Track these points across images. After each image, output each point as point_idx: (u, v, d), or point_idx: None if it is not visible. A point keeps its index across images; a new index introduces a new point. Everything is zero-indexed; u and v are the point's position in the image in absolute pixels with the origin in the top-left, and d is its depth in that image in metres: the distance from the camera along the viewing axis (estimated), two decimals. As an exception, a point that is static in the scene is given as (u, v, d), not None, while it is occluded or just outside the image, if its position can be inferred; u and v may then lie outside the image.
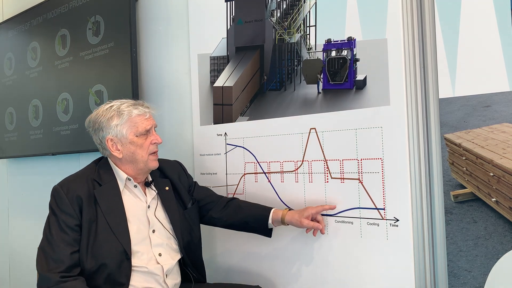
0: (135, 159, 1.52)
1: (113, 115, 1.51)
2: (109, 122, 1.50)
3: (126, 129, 1.50)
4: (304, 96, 1.71)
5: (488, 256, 1.33)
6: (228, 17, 1.93)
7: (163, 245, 1.54)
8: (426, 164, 1.44)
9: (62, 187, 1.47)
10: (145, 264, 1.48)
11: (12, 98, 2.97)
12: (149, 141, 1.53)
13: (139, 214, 1.53)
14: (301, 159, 1.71)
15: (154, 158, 1.55)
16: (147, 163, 1.53)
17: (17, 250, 3.12)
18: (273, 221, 1.61)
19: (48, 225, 1.46)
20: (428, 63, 1.44)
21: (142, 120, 1.52)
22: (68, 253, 1.40)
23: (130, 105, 1.53)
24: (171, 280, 1.54)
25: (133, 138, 1.51)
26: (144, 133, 1.52)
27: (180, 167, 1.74)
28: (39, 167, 2.93)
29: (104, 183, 1.51)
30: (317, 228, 1.57)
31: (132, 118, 1.51)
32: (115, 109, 1.52)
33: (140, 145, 1.51)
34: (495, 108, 1.32)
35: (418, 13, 1.45)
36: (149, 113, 1.55)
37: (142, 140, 1.52)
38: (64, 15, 2.58)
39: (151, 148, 1.53)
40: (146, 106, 1.56)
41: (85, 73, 2.44)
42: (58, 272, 1.37)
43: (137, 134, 1.51)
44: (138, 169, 1.54)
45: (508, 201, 1.30)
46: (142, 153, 1.51)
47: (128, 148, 1.51)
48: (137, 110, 1.52)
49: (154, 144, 1.54)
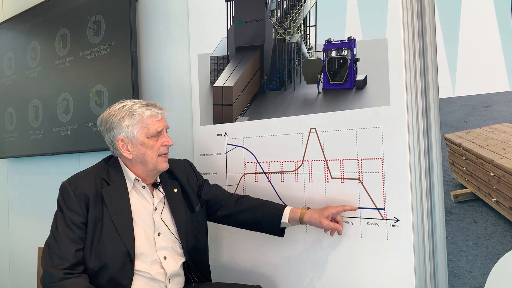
0: (145, 161, 1.50)
1: (125, 115, 1.49)
2: (121, 122, 1.49)
3: (137, 130, 1.48)
4: (304, 96, 1.71)
5: (488, 256, 1.33)
6: (228, 17, 1.93)
7: (168, 248, 1.53)
8: (426, 164, 1.44)
9: (70, 184, 1.47)
10: (148, 269, 1.47)
11: (12, 98, 2.97)
12: (159, 142, 1.51)
13: (145, 216, 1.52)
14: (301, 159, 1.71)
15: (164, 159, 1.54)
16: (156, 165, 1.51)
17: (17, 250, 3.12)
18: (289, 220, 1.55)
19: (55, 221, 1.46)
20: (428, 63, 1.44)
21: (153, 121, 1.50)
22: (72, 250, 1.40)
23: (143, 106, 1.51)
24: (174, 285, 1.53)
25: (144, 139, 1.49)
26: (155, 134, 1.50)
27: (190, 167, 1.71)
28: (39, 167, 2.93)
29: (112, 182, 1.50)
30: (337, 229, 1.52)
31: (143, 119, 1.49)
32: (127, 109, 1.50)
33: (150, 147, 1.49)
34: (495, 108, 1.32)
35: (418, 13, 1.45)
36: (161, 114, 1.53)
37: (153, 141, 1.50)
38: (65, 15, 2.58)
39: (161, 150, 1.52)
40: (158, 107, 1.54)
41: (86, 73, 2.44)
42: (62, 268, 1.38)
43: (148, 135, 1.49)
44: (148, 171, 1.53)
45: (508, 201, 1.30)
46: (152, 154, 1.50)
47: (139, 149, 1.49)
48: (149, 112, 1.50)
49: (165, 146, 1.52)
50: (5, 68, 3.03)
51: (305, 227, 1.68)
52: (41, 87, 2.74)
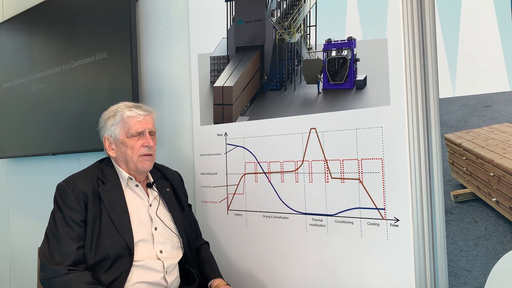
0: (126, 160, 1.57)
1: (110, 116, 1.59)
2: (107, 122, 1.59)
3: (118, 130, 1.56)
4: (304, 96, 1.71)
5: (488, 256, 1.33)
6: (228, 17, 1.93)
7: (164, 243, 1.56)
8: (426, 164, 1.44)
9: (68, 183, 1.51)
10: (147, 262, 1.50)
11: (12, 99, 2.97)
12: (140, 143, 1.56)
13: (141, 212, 1.57)
14: (301, 159, 1.71)
15: (145, 159, 1.57)
16: (137, 164, 1.56)
17: (17, 250, 3.12)
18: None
19: (53, 221, 1.49)
20: (428, 63, 1.44)
21: (134, 122, 1.55)
22: (74, 247, 1.43)
23: (127, 107, 1.59)
24: (171, 277, 1.56)
25: (124, 138, 1.55)
26: (136, 135, 1.55)
27: (180, 178, 1.81)
28: (39, 167, 2.93)
29: (107, 181, 1.55)
30: None
31: (124, 119, 1.56)
32: (114, 110, 1.60)
33: (131, 147, 1.55)
34: (495, 108, 1.32)
35: (418, 13, 1.45)
36: (144, 116, 1.57)
37: (133, 141, 1.55)
38: (64, 15, 2.58)
39: (141, 150, 1.56)
40: (143, 109, 1.59)
41: (86, 73, 2.43)
42: (65, 265, 1.40)
43: (128, 135, 1.55)
44: (131, 170, 1.58)
45: (508, 201, 1.30)
46: (132, 154, 1.55)
47: (120, 148, 1.56)
48: (129, 112, 1.56)
49: (145, 147, 1.56)
50: (5, 68, 3.03)
51: (305, 227, 1.68)
52: (41, 87, 2.73)
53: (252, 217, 1.87)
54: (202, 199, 2.05)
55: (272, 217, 1.80)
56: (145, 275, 1.49)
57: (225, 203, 1.96)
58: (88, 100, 2.41)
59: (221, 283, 1.62)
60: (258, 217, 1.85)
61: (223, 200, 1.97)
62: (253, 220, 1.86)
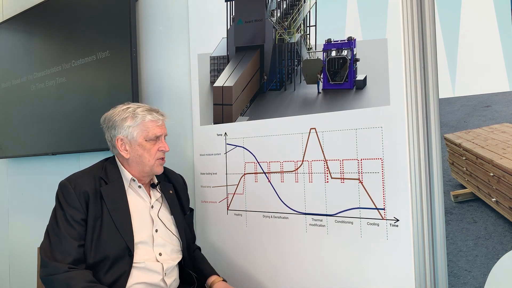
0: (141, 162, 1.57)
1: (128, 117, 1.57)
2: (123, 123, 1.56)
3: (137, 132, 1.56)
4: (304, 96, 1.71)
5: (488, 256, 1.33)
6: (228, 17, 1.93)
7: (164, 245, 1.57)
8: (426, 164, 1.44)
9: (70, 182, 1.52)
10: (146, 263, 1.50)
11: (12, 99, 2.97)
12: (156, 147, 1.58)
13: (142, 213, 1.57)
14: (301, 159, 1.71)
15: (160, 163, 1.60)
16: (152, 167, 1.58)
17: (17, 250, 3.12)
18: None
19: (54, 219, 1.50)
20: (428, 63, 1.44)
21: (154, 126, 1.57)
22: (75, 246, 1.44)
23: (146, 110, 1.59)
24: (170, 278, 1.56)
25: (142, 141, 1.56)
26: (154, 138, 1.57)
27: (183, 181, 1.81)
28: (39, 167, 2.93)
29: (110, 181, 1.56)
30: None
31: (145, 122, 1.56)
32: (131, 111, 1.58)
33: (148, 150, 1.56)
34: (495, 108, 1.32)
35: (418, 13, 1.45)
36: (162, 120, 1.61)
37: (150, 145, 1.57)
38: (64, 15, 2.58)
39: (158, 155, 1.58)
40: (160, 113, 1.62)
41: (85, 73, 2.43)
42: (67, 263, 1.41)
43: (147, 138, 1.56)
44: (144, 172, 1.59)
45: (508, 201, 1.30)
46: (149, 157, 1.56)
47: (136, 150, 1.56)
48: (151, 116, 1.57)
49: (161, 151, 1.58)
50: (5, 68, 3.03)
51: (305, 227, 1.68)
52: (41, 88, 2.73)
53: (252, 217, 1.87)
54: (202, 199, 2.05)
55: (272, 217, 1.80)
56: (144, 277, 1.50)
57: (225, 203, 1.96)
58: (88, 100, 2.41)
59: (217, 279, 1.66)
60: (258, 217, 1.85)
61: (223, 200, 1.97)
62: (253, 220, 1.86)
